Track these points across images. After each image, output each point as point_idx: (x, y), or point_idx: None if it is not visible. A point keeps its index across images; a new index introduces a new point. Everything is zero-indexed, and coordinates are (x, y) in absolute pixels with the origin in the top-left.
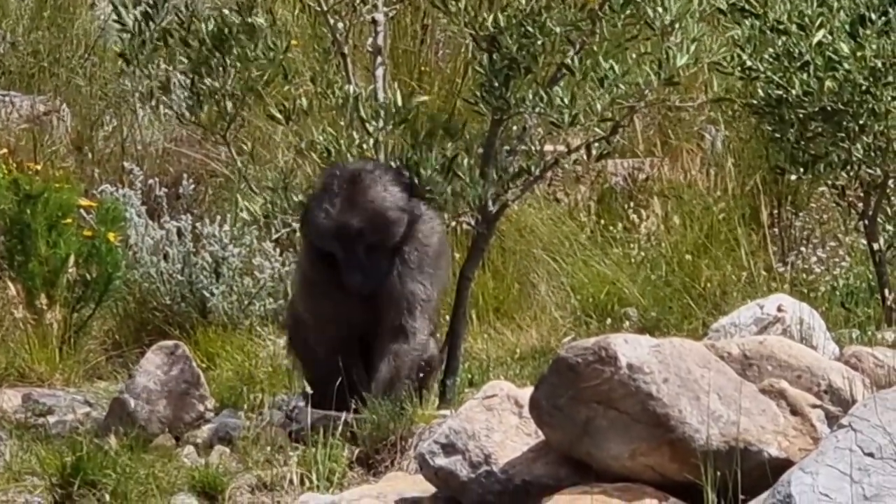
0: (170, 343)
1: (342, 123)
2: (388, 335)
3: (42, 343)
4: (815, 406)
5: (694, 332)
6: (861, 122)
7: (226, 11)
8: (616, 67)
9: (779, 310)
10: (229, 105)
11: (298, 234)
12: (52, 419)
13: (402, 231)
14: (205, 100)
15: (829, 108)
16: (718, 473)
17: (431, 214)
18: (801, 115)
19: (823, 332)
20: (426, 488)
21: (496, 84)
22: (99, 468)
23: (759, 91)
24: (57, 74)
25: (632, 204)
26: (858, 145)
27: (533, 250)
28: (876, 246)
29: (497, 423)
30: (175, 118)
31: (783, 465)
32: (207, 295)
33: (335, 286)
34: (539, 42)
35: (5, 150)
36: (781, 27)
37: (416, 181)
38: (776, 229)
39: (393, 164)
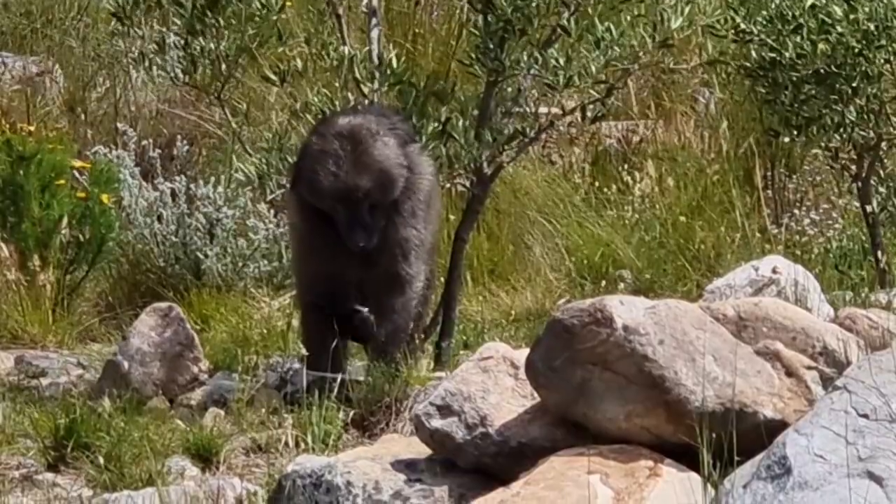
0: (164, 305)
1: (337, 85)
2: (384, 285)
3: (35, 305)
4: (810, 368)
5: (688, 293)
6: (854, 84)
7: None
8: (611, 29)
9: (774, 271)
10: (223, 66)
11: (287, 192)
12: (45, 381)
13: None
14: (199, 61)
15: (822, 71)
16: (713, 435)
17: (423, 160)
18: (794, 78)
19: (818, 294)
20: (422, 450)
21: (491, 46)
22: (92, 431)
23: (753, 54)
24: (49, 35)
25: (626, 166)
26: (851, 108)
27: (527, 212)
28: (869, 208)
29: (493, 384)
30: (169, 79)
31: (778, 426)
32: (201, 256)
33: (331, 242)
34: (534, 4)
35: None
36: None
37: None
38: (770, 191)
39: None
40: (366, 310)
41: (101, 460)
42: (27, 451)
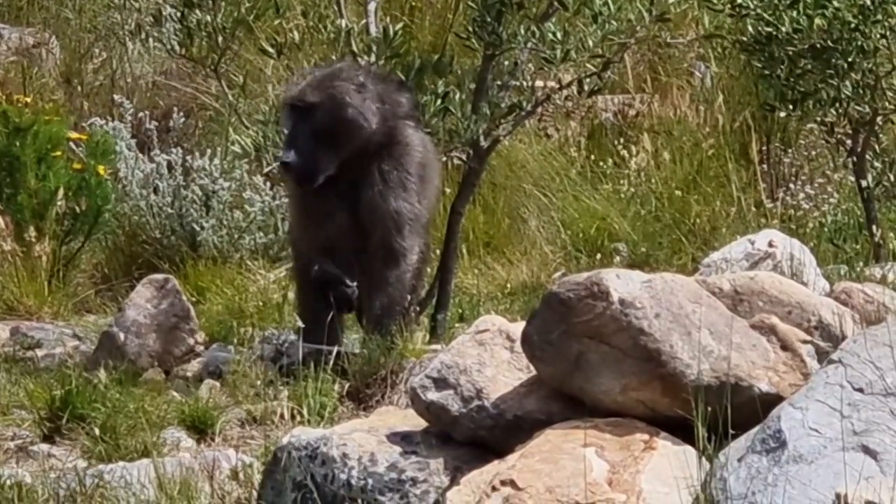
0: (160, 277)
1: (334, 57)
2: (379, 258)
3: (31, 276)
4: (805, 342)
5: (683, 267)
6: (850, 59)
7: None
8: (608, 3)
9: (770, 245)
10: (220, 38)
11: None
12: (40, 353)
13: (364, 140)
14: (195, 33)
15: (818, 46)
16: (709, 408)
17: (413, 134)
18: (790, 53)
19: (814, 268)
20: (417, 423)
21: (488, 19)
22: (88, 402)
23: (749, 28)
24: (46, 7)
25: (622, 140)
26: (847, 83)
27: (523, 185)
28: (864, 183)
29: (489, 357)
30: (165, 51)
31: (773, 400)
32: (197, 228)
33: (325, 211)
34: None
35: None
36: None
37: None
38: (765, 166)
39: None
40: (354, 284)
41: (97, 431)
42: (22, 422)
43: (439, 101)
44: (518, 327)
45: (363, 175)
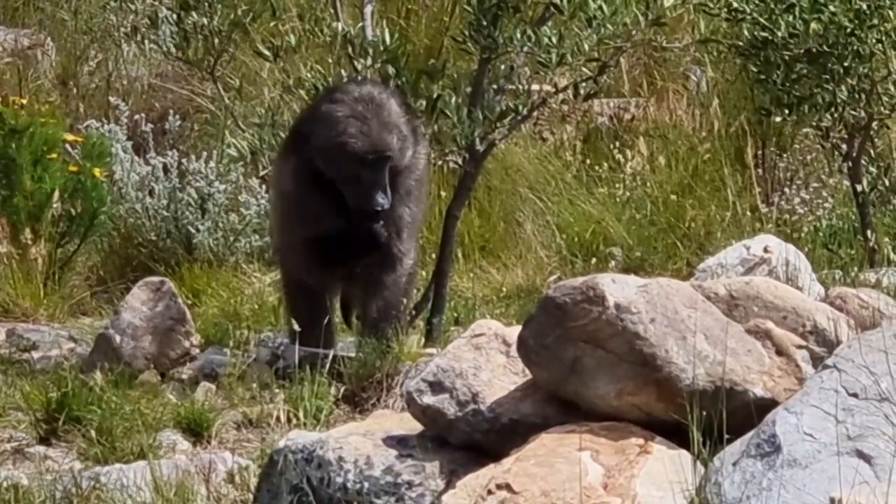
0: (155, 279)
1: (330, 61)
2: (377, 262)
3: (27, 278)
4: (800, 347)
5: (678, 271)
6: (846, 64)
7: None
8: (604, 7)
9: (765, 250)
10: (216, 41)
11: (280, 161)
12: (36, 355)
13: None
14: (191, 36)
15: (814, 50)
16: (704, 413)
17: (421, 137)
18: (786, 57)
19: (809, 274)
20: (413, 426)
21: (484, 23)
22: (84, 404)
23: (745, 32)
24: (41, 8)
25: (617, 144)
26: (843, 87)
27: (519, 189)
28: (859, 187)
29: (484, 361)
30: (161, 54)
31: (768, 404)
32: (193, 231)
33: (326, 209)
34: None
35: None
36: None
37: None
38: (761, 170)
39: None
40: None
41: (93, 433)
42: (19, 424)
43: (432, 103)
44: (514, 331)
45: None
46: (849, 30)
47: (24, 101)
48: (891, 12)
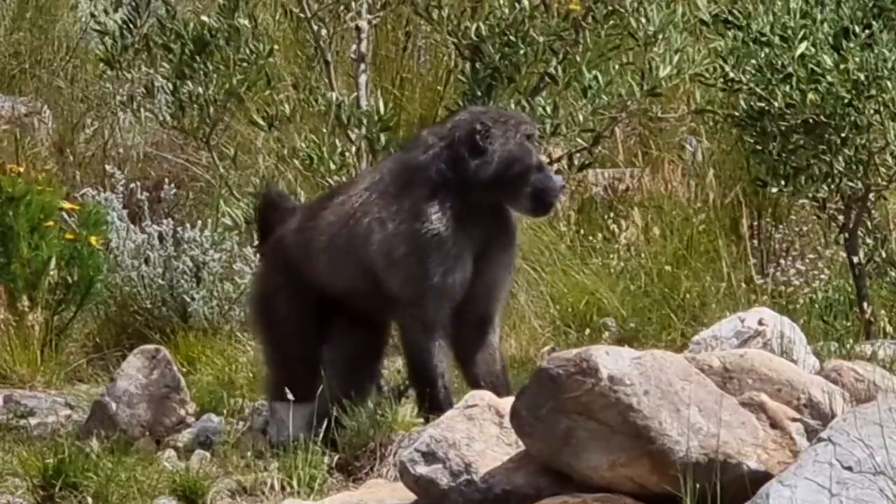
0: (151, 347)
1: (324, 130)
2: (475, 325)
3: (24, 345)
4: (794, 419)
5: (672, 342)
6: (843, 134)
7: (205, 18)
8: (599, 77)
9: (760, 323)
10: (211, 110)
11: (427, 200)
12: (33, 421)
13: None
14: (187, 105)
15: (811, 121)
16: (698, 485)
17: None
18: (783, 128)
19: (804, 346)
20: (406, 496)
21: (478, 93)
22: (80, 471)
23: (742, 103)
24: (38, 76)
25: (612, 214)
26: (840, 158)
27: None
28: (856, 259)
29: (478, 432)
30: (157, 122)
31: (762, 477)
32: (188, 299)
33: (467, 248)
34: (522, 51)
35: None
36: (764, 39)
37: None
38: (756, 241)
39: None
40: None
41: (89, 500)
42: (16, 490)
43: None
44: (507, 402)
45: None
46: (846, 100)
47: (21, 169)
48: (888, 83)
